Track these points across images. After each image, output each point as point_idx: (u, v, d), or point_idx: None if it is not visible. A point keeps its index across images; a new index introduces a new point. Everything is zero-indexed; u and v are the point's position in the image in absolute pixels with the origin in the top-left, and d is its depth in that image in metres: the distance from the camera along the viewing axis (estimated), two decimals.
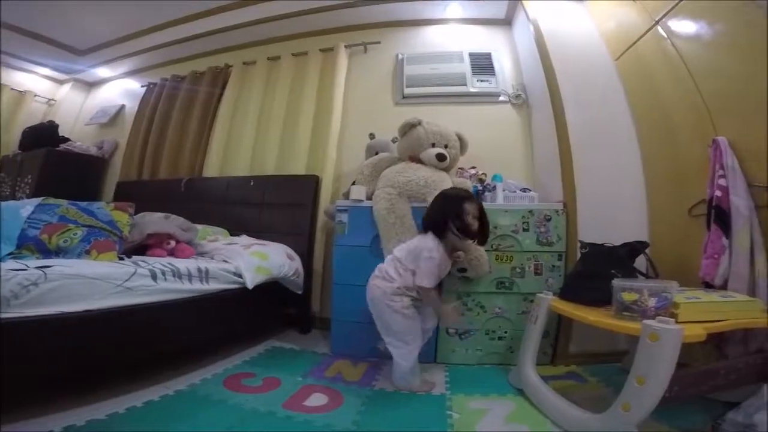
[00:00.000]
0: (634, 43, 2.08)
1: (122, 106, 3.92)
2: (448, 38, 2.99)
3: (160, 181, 3.19)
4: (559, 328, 1.92)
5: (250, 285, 1.78)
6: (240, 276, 1.79)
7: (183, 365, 1.70)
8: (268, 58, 3.21)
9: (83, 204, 1.63)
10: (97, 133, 3.95)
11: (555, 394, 1.40)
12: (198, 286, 1.58)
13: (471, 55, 2.85)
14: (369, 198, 2.07)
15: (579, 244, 1.81)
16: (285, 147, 2.91)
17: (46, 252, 1.42)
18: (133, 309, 1.31)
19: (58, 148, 3.46)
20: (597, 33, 2.37)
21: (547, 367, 1.85)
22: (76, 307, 1.16)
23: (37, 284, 1.07)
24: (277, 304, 2.28)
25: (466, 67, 2.81)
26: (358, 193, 2.07)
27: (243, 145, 3.02)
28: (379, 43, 3.03)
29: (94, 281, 1.22)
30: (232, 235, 2.49)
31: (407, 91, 2.82)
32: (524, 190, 2.15)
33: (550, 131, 2.16)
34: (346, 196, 2.15)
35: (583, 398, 1.40)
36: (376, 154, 2.35)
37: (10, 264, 1.12)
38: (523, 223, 1.93)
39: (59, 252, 1.43)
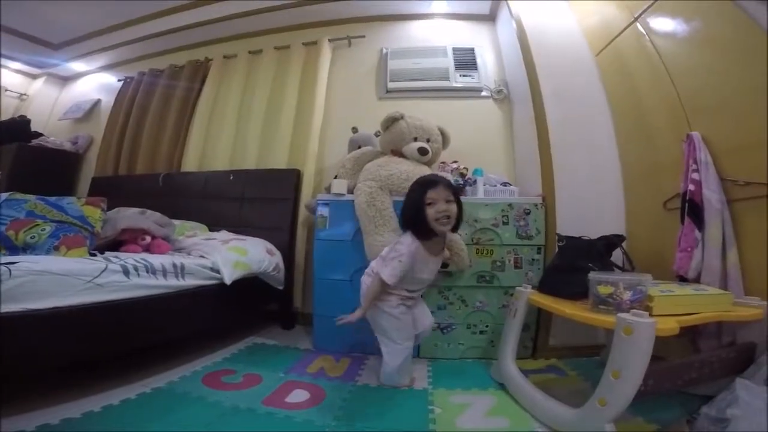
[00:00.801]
0: (614, 38, 2.10)
1: (98, 101, 3.80)
2: (433, 33, 2.99)
3: (137, 176, 3.11)
4: (539, 322, 1.94)
5: (228, 280, 1.74)
6: (218, 271, 1.75)
7: (161, 362, 1.67)
8: (250, 52, 3.16)
9: (52, 199, 1.57)
10: (72, 128, 3.82)
11: (534, 388, 1.41)
12: (173, 282, 1.54)
13: (454, 50, 2.85)
14: (351, 192, 2.05)
15: (556, 237, 1.83)
16: (266, 141, 2.87)
17: (12, 248, 1.37)
18: (104, 306, 1.27)
19: (30, 144, 3.34)
20: (578, 29, 2.39)
21: (528, 361, 1.87)
22: (44, 304, 1.12)
23: (1, 281, 1.03)
24: (258, 299, 2.25)
25: (449, 62, 2.81)
26: (340, 186, 2.05)
27: (223, 139, 2.96)
28: (363, 37, 3.00)
29: (63, 277, 1.17)
30: (211, 230, 2.45)
31: (391, 85, 2.81)
32: (505, 184, 2.16)
33: (531, 126, 2.18)
34: (328, 190, 2.13)
35: (562, 392, 1.41)
36: (359, 147, 2.34)
37: None
38: (503, 216, 1.95)
39: (27, 248, 1.38)
